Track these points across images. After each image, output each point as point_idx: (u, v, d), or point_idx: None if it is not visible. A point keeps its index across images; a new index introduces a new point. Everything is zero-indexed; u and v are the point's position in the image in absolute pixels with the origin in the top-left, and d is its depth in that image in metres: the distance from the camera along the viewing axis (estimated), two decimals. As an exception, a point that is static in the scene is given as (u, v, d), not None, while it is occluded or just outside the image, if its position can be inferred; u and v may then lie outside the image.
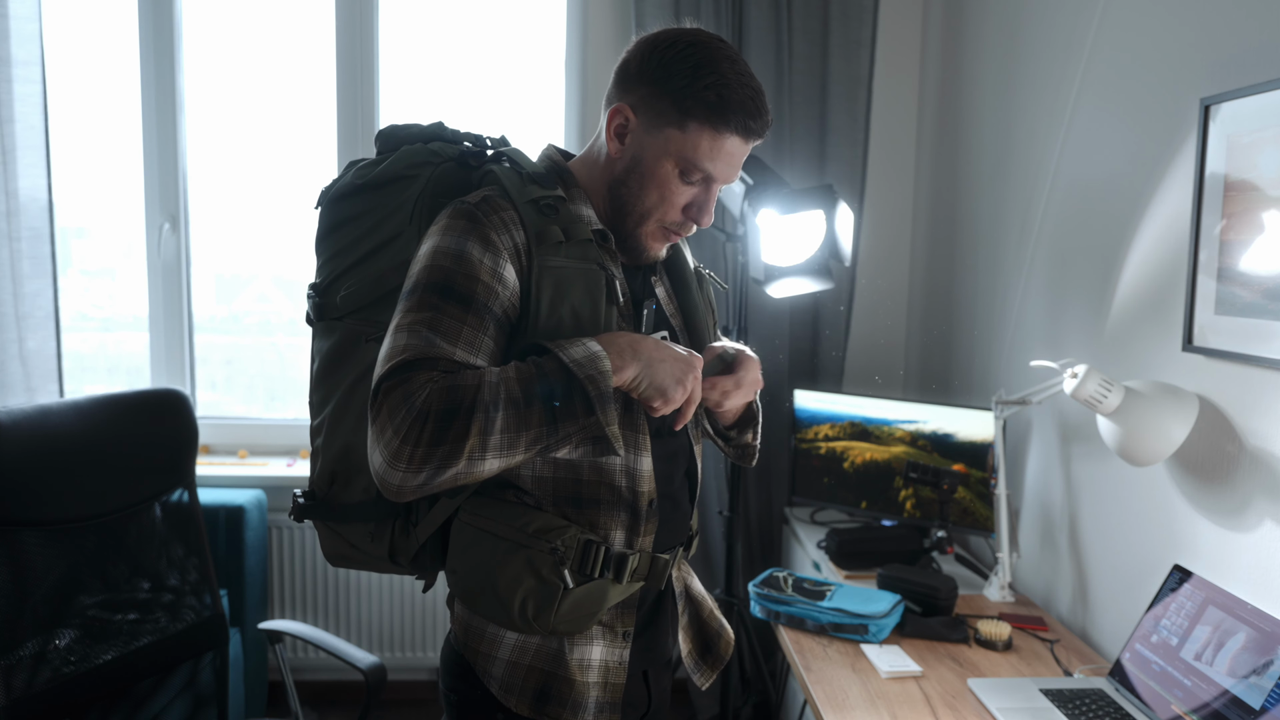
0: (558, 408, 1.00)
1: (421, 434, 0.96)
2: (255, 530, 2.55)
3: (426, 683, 2.89)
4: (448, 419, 0.96)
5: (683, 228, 1.17)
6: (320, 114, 2.80)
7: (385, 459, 0.97)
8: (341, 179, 1.24)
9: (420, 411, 0.96)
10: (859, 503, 2.39)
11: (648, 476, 1.16)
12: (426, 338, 1.02)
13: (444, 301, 1.04)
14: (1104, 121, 1.82)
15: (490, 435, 0.97)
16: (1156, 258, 1.64)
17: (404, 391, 0.98)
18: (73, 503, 1.69)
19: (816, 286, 2.23)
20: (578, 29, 2.71)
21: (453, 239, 1.07)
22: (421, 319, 1.03)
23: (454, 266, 1.05)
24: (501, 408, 0.98)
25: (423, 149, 1.20)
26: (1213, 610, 1.42)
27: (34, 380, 2.51)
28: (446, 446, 0.96)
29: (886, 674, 1.60)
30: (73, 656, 1.66)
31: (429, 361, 1.00)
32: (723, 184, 1.16)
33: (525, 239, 1.10)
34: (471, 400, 0.97)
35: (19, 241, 2.47)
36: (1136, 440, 1.51)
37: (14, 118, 2.43)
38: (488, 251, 1.07)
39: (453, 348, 1.02)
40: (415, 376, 0.99)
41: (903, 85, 2.85)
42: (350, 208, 1.21)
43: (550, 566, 1.09)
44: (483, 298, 1.05)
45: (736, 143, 1.11)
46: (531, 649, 1.14)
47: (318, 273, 1.25)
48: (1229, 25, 1.47)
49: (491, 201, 1.11)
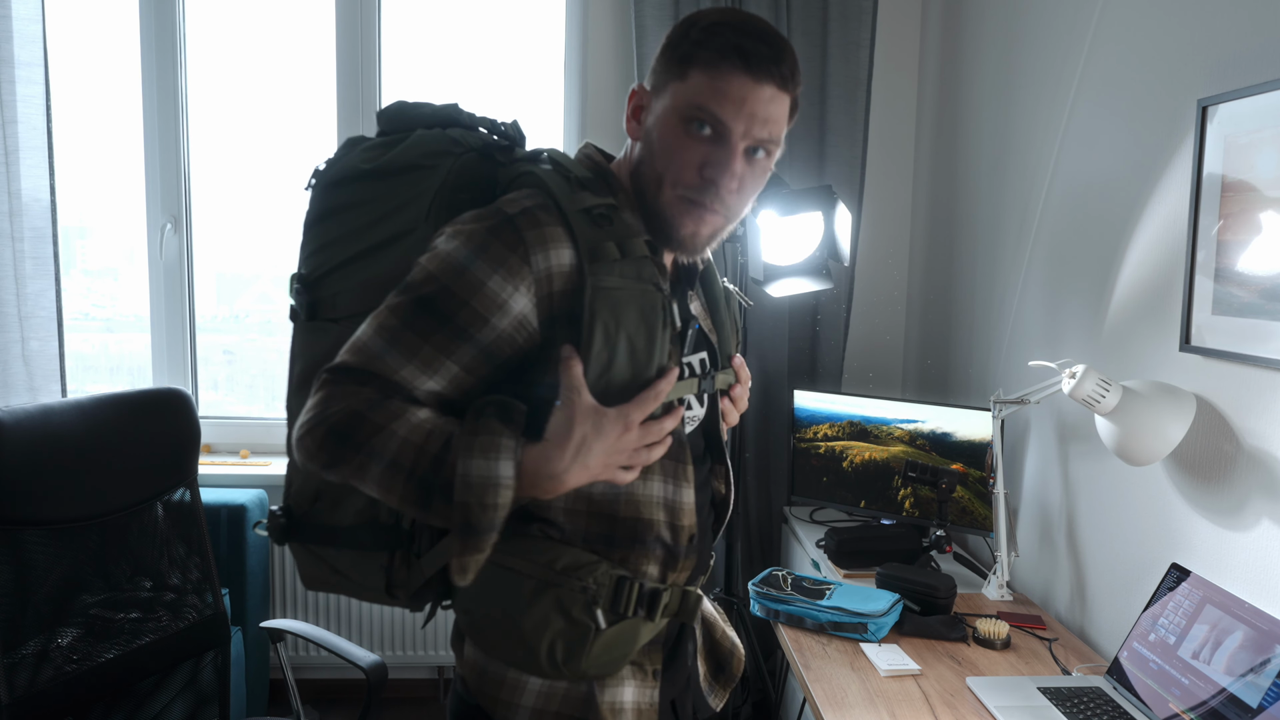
0: (427, 501, 0.93)
1: (319, 441, 0.94)
2: (257, 529, 2.55)
3: (427, 681, 2.90)
4: (339, 442, 0.93)
5: (703, 193, 1.01)
6: (321, 114, 2.81)
7: (295, 435, 0.97)
8: (342, 160, 1.12)
9: (324, 419, 0.94)
10: (858, 502, 2.39)
11: (689, 510, 1.08)
12: (382, 348, 0.96)
13: (418, 315, 0.96)
14: (1102, 122, 1.83)
15: (365, 479, 0.94)
16: (1154, 258, 1.65)
17: (329, 394, 0.95)
18: (75, 502, 1.70)
19: (815, 286, 2.24)
20: (578, 29, 2.72)
21: (464, 251, 0.97)
22: (390, 325, 0.97)
23: (448, 282, 0.96)
24: (384, 463, 0.92)
25: (442, 136, 1.09)
26: (1210, 609, 1.42)
27: (36, 380, 2.52)
28: (332, 461, 0.95)
29: (885, 672, 1.61)
30: (75, 655, 1.67)
31: (367, 375, 0.96)
32: (740, 139, 1.00)
33: (575, 258, 0.98)
34: (365, 439, 0.93)
35: (22, 242, 2.48)
36: (1134, 440, 1.51)
37: (17, 118, 2.44)
38: (496, 274, 0.96)
39: (401, 364, 0.96)
40: (346, 386, 0.95)
41: (902, 86, 2.85)
42: (352, 194, 1.10)
43: (581, 606, 1.01)
44: (464, 322, 0.96)
45: (742, 81, 0.98)
46: (559, 695, 1.05)
47: (304, 262, 1.14)
48: (1227, 26, 1.47)
49: (533, 215, 0.98)
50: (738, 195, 1.03)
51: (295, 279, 1.15)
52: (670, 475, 1.07)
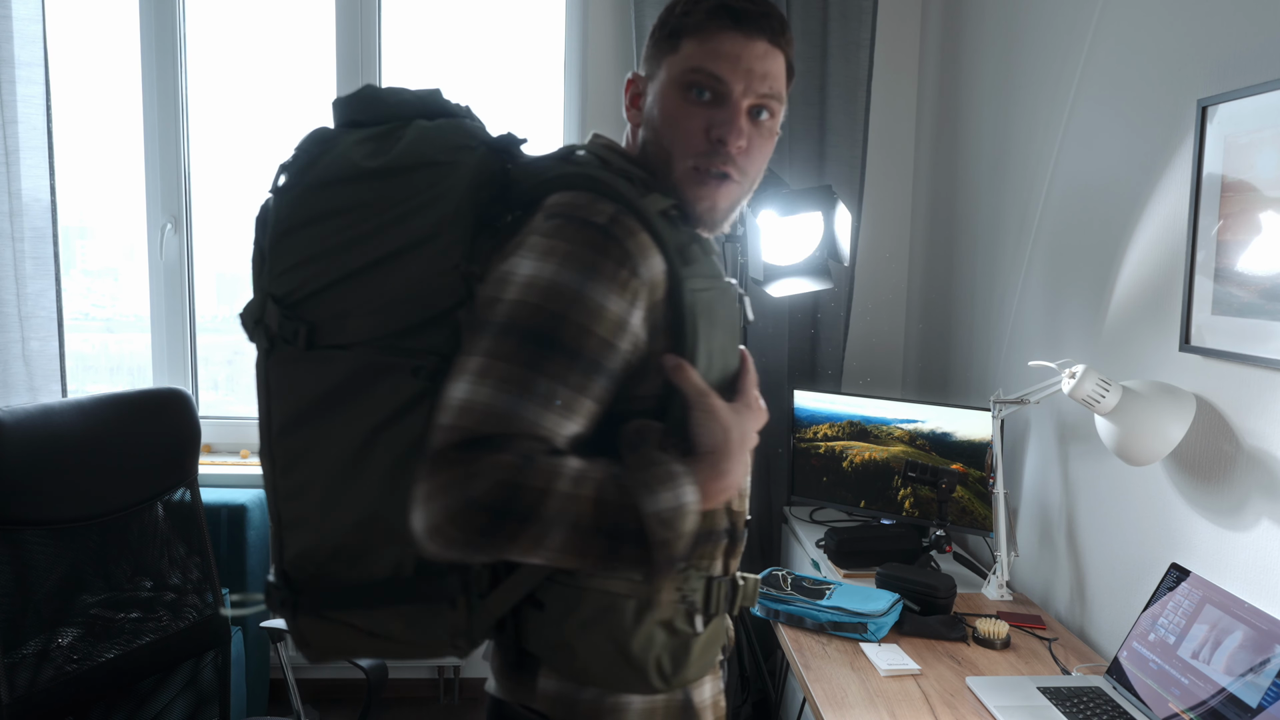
0: (619, 551, 0.86)
1: (470, 523, 0.83)
2: (257, 529, 2.56)
3: (427, 681, 2.90)
4: (500, 519, 0.83)
5: (714, 158, 0.98)
6: (322, 114, 2.81)
7: (424, 530, 0.85)
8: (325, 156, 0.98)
9: (475, 502, 0.83)
10: (858, 502, 2.39)
11: (747, 494, 1.06)
12: (512, 401, 0.85)
13: (545, 354, 0.86)
14: (1102, 122, 1.83)
15: (539, 550, 0.85)
16: (1154, 258, 1.65)
17: (466, 473, 0.83)
18: (75, 502, 1.70)
19: (815, 286, 2.24)
20: (578, 29, 2.72)
21: (574, 273, 0.88)
22: (513, 373, 0.85)
23: (567, 312, 0.87)
24: (562, 529, 0.84)
25: (454, 126, 0.98)
26: (1210, 609, 1.42)
27: (37, 380, 2.52)
28: (492, 542, 0.84)
29: (885, 672, 1.61)
30: (75, 655, 1.67)
31: (504, 439, 0.85)
32: (742, 96, 0.98)
33: (666, 264, 0.93)
34: (532, 507, 0.83)
35: (22, 242, 2.48)
36: (1134, 439, 1.51)
37: (17, 119, 2.44)
38: (612, 293, 0.89)
39: (541, 415, 0.86)
40: (482, 458, 0.83)
41: (902, 86, 2.85)
42: (352, 195, 0.95)
43: (683, 616, 0.99)
44: (594, 353, 0.88)
45: (734, 39, 0.97)
46: (661, 708, 1.01)
47: (281, 279, 0.97)
48: (1226, 27, 1.47)
49: (625, 223, 0.91)
50: (747, 156, 1.00)
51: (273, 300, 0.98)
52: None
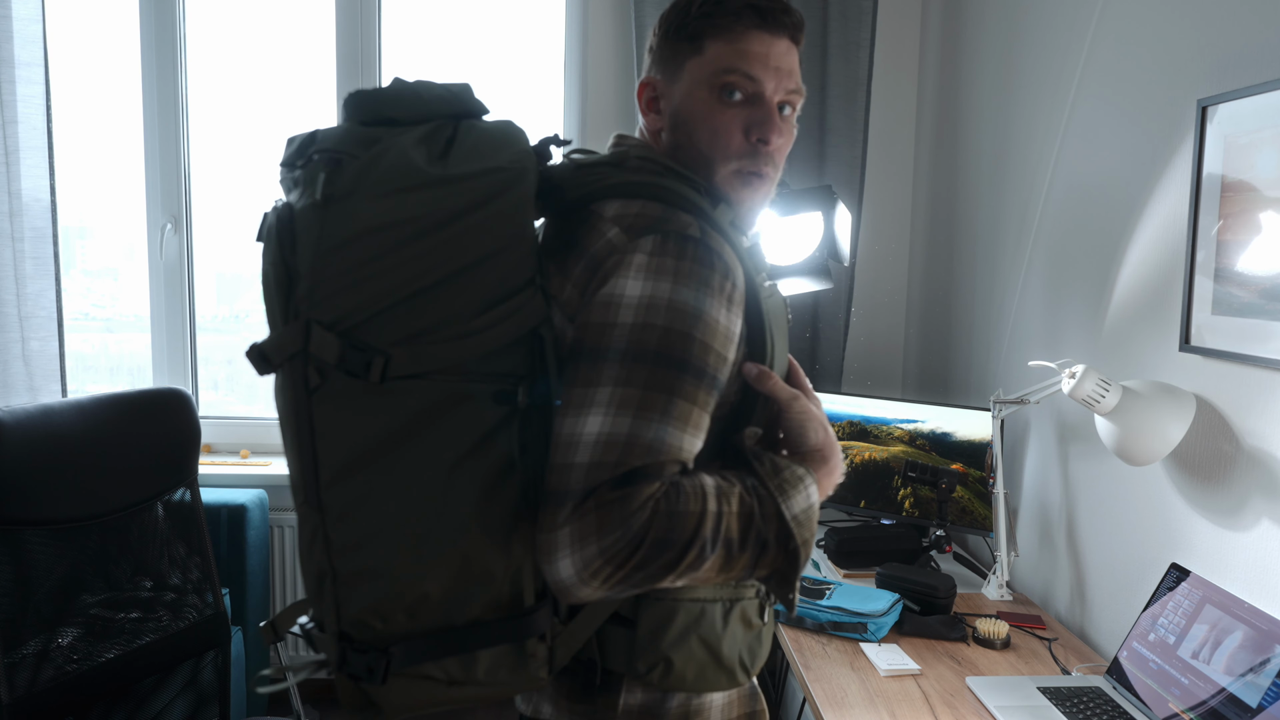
0: (763, 557, 0.89)
1: (630, 558, 0.82)
2: (257, 529, 2.55)
3: (427, 681, 2.90)
4: (661, 549, 0.83)
5: (756, 160, 0.99)
6: (322, 115, 2.81)
7: (577, 572, 0.82)
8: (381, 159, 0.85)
9: (636, 536, 0.82)
10: (858, 502, 2.39)
11: None
12: (658, 431, 0.84)
13: (680, 377, 0.86)
14: (1102, 122, 1.83)
15: (696, 569, 0.86)
16: (1154, 258, 1.65)
17: (624, 510, 0.82)
18: (75, 502, 1.70)
19: (815, 286, 2.24)
20: (578, 29, 2.72)
21: (690, 291, 0.87)
22: (653, 401, 0.84)
23: (691, 331, 0.87)
24: (718, 548, 0.85)
25: (513, 130, 0.92)
26: (1210, 609, 1.42)
27: (36, 380, 2.52)
28: (649, 572, 0.84)
29: (885, 672, 1.61)
30: (75, 655, 1.67)
31: (656, 469, 0.84)
32: (774, 95, 0.99)
33: (746, 276, 0.93)
34: (692, 534, 0.84)
35: (22, 242, 2.48)
36: (1134, 440, 1.51)
37: (17, 118, 2.44)
38: (723, 308, 0.89)
39: (680, 439, 0.86)
40: (639, 490, 0.83)
41: (902, 86, 2.85)
42: (412, 204, 0.84)
43: (756, 610, 1.02)
44: (715, 369, 0.89)
45: (760, 38, 0.97)
46: (735, 700, 1.05)
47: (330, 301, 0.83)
48: (1226, 27, 1.47)
49: (714, 236, 0.91)
50: (780, 152, 1.01)
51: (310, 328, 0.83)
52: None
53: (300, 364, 0.84)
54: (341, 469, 0.85)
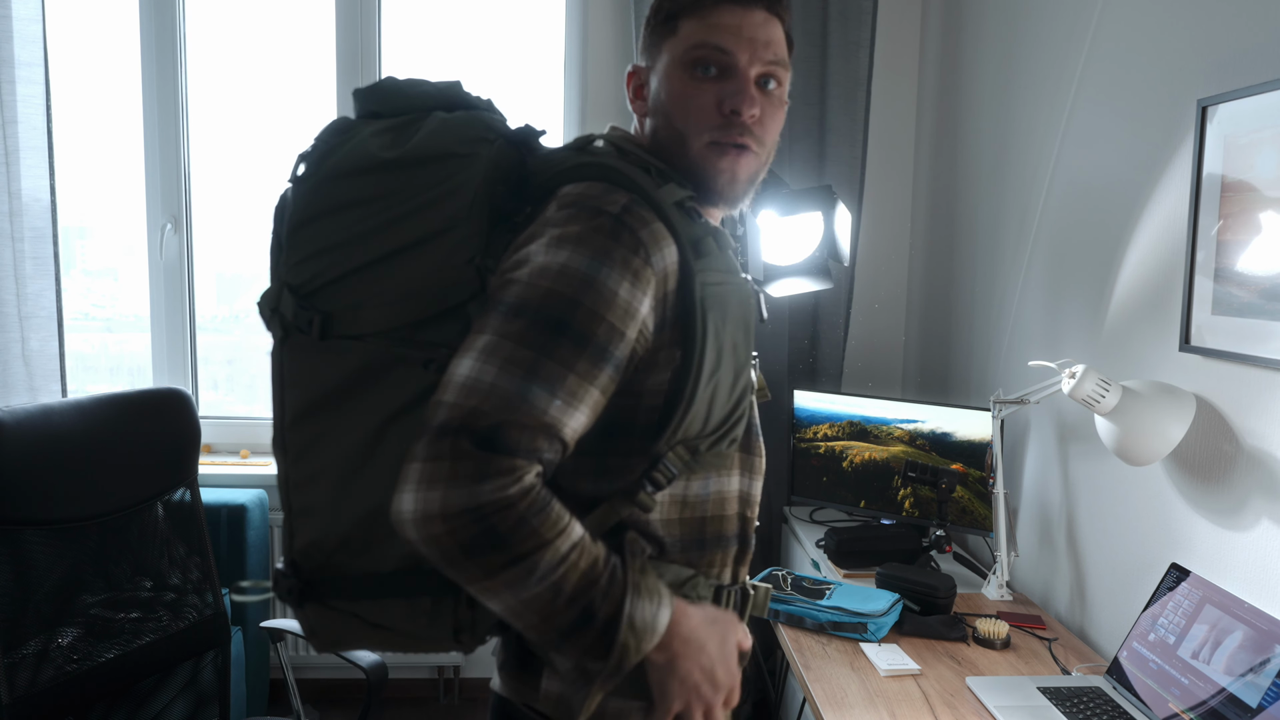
0: (581, 631, 0.86)
1: (462, 531, 0.81)
2: (257, 529, 2.56)
3: (427, 681, 2.90)
4: (494, 545, 0.81)
5: (729, 131, 0.98)
6: (321, 115, 2.81)
7: (412, 513, 0.82)
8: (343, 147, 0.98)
9: (477, 510, 0.81)
10: (858, 502, 2.39)
11: (757, 502, 1.06)
12: (522, 387, 0.83)
13: (554, 339, 0.85)
14: (1102, 122, 1.83)
15: (512, 594, 0.83)
16: (1154, 258, 1.65)
17: (477, 471, 0.81)
18: (75, 502, 1.70)
19: (815, 286, 2.24)
20: (578, 29, 2.72)
21: (586, 258, 0.88)
22: (521, 355, 0.84)
23: (578, 296, 0.87)
24: (544, 585, 0.83)
25: (473, 119, 0.97)
26: (1210, 609, 1.42)
27: (36, 380, 2.52)
28: (471, 561, 0.82)
29: (885, 672, 1.61)
30: (75, 655, 1.67)
31: (520, 430, 0.83)
32: (749, 66, 0.98)
33: (679, 256, 0.93)
34: (529, 551, 0.82)
35: (22, 242, 2.48)
36: (1134, 440, 1.51)
37: (17, 118, 2.44)
38: (625, 280, 0.88)
39: (548, 402, 0.84)
40: (497, 462, 0.82)
41: (902, 86, 2.85)
42: (370, 186, 0.95)
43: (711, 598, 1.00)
44: (603, 340, 0.88)
45: (731, 10, 0.98)
46: None
47: (296, 269, 0.98)
48: (1226, 26, 1.47)
49: (639, 213, 0.91)
50: (762, 126, 1.00)
51: (288, 289, 0.98)
52: (746, 469, 1.05)
53: (277, 320, 0.99)
54: (298, 414, 0.98)
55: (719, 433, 0.98)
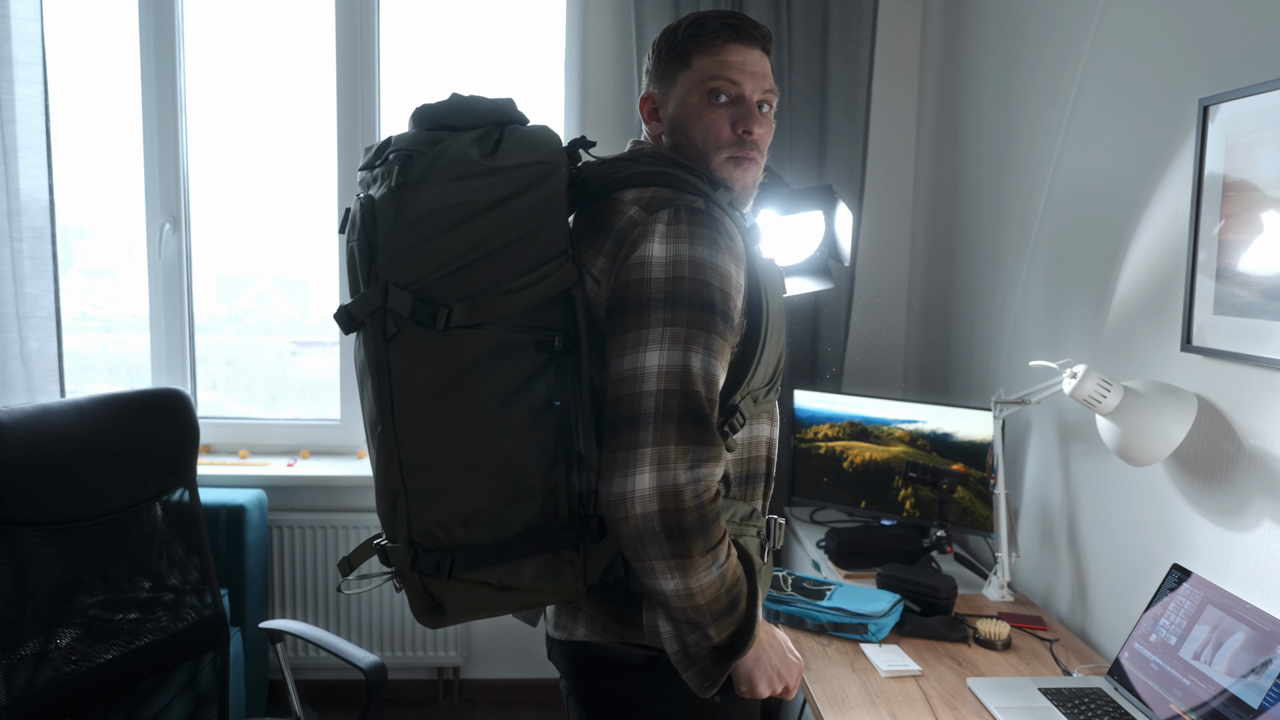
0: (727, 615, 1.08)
1: (689, 510, 1.01)
2: (256, 530, 2.55)
3: (426, 682, 2.89)
4: (705, 529, 1.03)
5: (743, 147, 1.19)
6: (321, 114, 2.81)
7: (650, 491, 1.01)
8: (444, 154, 1.07)
9: (700, 497, 1.03)
10: (858, 502, 2.39)
11: (777, 444, 1.26)
12: (704, 361, 1.05)
13: (712, 317, 1.06)
14: (1103, 122, 1.83)
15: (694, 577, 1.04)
16: (1155, 258, 1.64)
17: (700, 453, 1.03)
18: (74, 502, 1.69)
19: (816, 286, 2.23)
20: (578, 29, 2.72)
21: (705, 249, 1.08)
22: (696, 337, 1.05)
23: (711, 279, 1.07)
24: (719, 571, 1.06)
25: (547, 132, 1.13)
26: (1211, 609, 1.42)
27: (35, 380, 2.52)
28: (683, 542, 1.02)
29: (886, 673, 1.61)
30: (74, 656, 1.67)
31: (713, 406, 1.06)
32: (753, 94, 1.19)
33: (744, 243, 1.14)
34: (717, 541, 1.05)
35: (20, 241, 2.47)
36: (1135, 440, 1.51)
37: (15, 118, 2.44)
38: (732, 261, 1.10)
39: (721, 369, 1.07)
40: (714, 453, 1.04)
41: (902, 86, 2.85)
42: (471, 190, 1.06)
43: (757, 548, 1.19)
44: (732, 311, 1.10)
45: (737, 49, 1.18)
46: None
47: (406, 266, 1.04)
48: (1228, 26, 1.47)
49: (717, 208, 1.13)
50: (763, 140, 1.22)
51: (388, 289, 1.04)
52: (771, 418, 1.23)
53: (380, 318, 1.05)
54: (414, 404, 1.05)
55: (771, 383, 1.19)
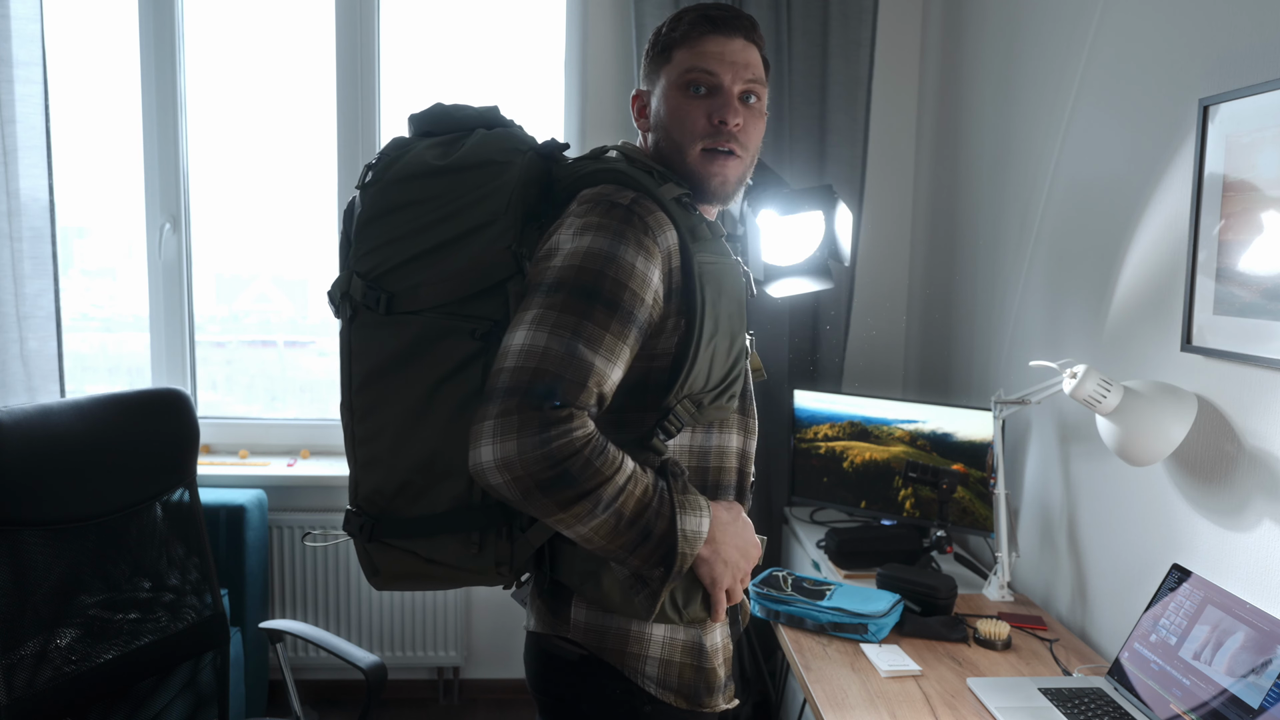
0: (641, 546, 1.05)
1: (539, 472, 0.98)
2: (256, 530, 2.55)
3: (426, 682, 2.89)
4: (566, 483, 0.99)
5: (719, 138, 1.17)
6: (320, 115, 2.81)
7: (493, 461, 0.98)
8: (403, 157, 1.17)
9: (550, 455, 0.98)
10: (858, 502, 2.39)
11: (752, 458, 1.24)
12: (569, 345, 1.01)
13: (591, 305, 1.03)
14: (1103, 122, 1.83)
15: (582, 522, 1.01)
16: (1155, 258, 1.64)
17: (544, 420, 0.98)
18: (74, 502, 1.69)
19: (816, 286, 2.23)
20: (578, 29, 2.72)
21: (606, 240, 1.06)
22: (565, 321, 1.02)
23: (604, 269, 1.05)
24: (608, 514, 1.02)
25: (508, 134, 1.18)
26: (1211, 609, 1.42)
27: (35, 380, 2.52)
28: (547, 498, 0.99)
29: (886, 673, 1.61)
30: (74, 656, 1.67)
31: (573, 387, 1.00)
32: (733, 85, 1.17)
33: (679, 239, 1.12)
34: (594, 488, 1.00)
35: (20, 241, 2.47)
36: (1135, 440, 1.51)
37: (15, 118, 2.44)
38: (640, 256, 1.07)
39: (594, 358, 1.02)
40: (558, 413, 0.99)
41: (902, 86, 2.85)
42: (422, 189, 1.14)
43: None
44: (629, 304, 1.06)
45: (715, 39, 1.17)
46: (679, 646, 1.18)
47: (364, 259, 1.16)
48: (1227, 26, 1.47)
49: (643, 203, 1.11)
50: (745, 133, 1.19)
51: (358, 276, 1.16)
52: (742, 429, 1.22)
53: (346, 303, 1.17)
54: (364, 380, 1.16)
55: (719, 389, 1.15)
